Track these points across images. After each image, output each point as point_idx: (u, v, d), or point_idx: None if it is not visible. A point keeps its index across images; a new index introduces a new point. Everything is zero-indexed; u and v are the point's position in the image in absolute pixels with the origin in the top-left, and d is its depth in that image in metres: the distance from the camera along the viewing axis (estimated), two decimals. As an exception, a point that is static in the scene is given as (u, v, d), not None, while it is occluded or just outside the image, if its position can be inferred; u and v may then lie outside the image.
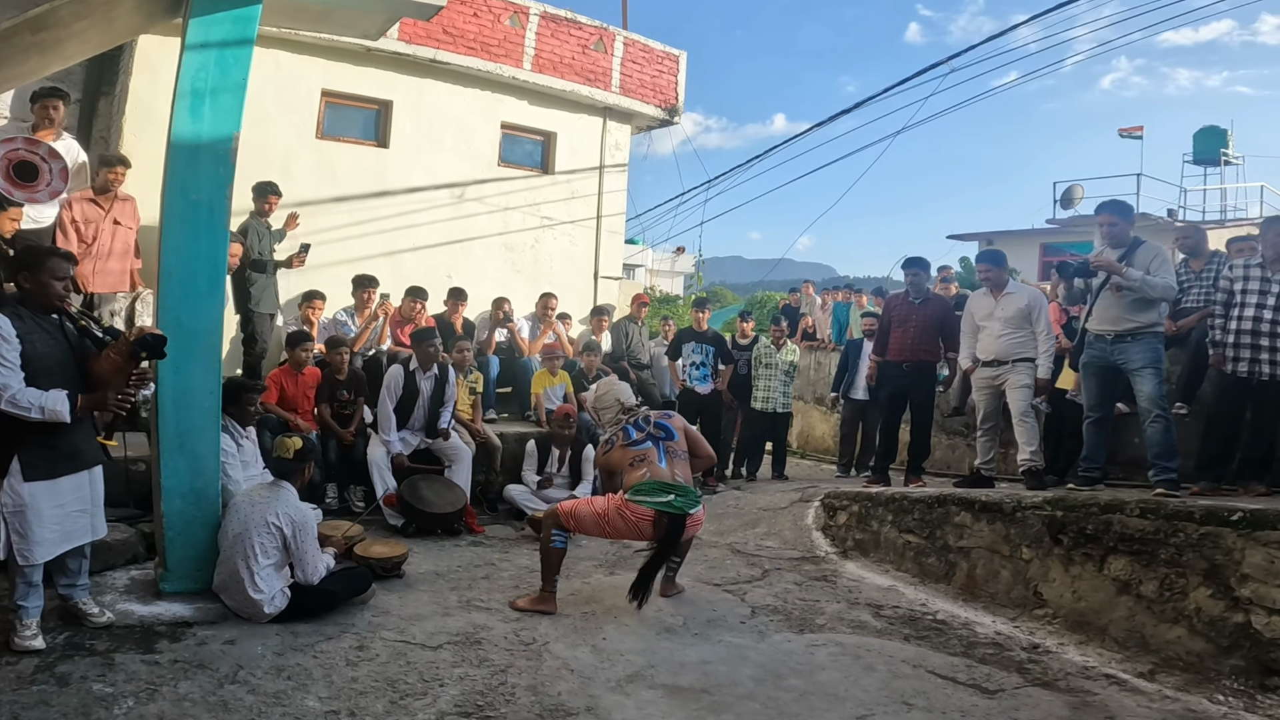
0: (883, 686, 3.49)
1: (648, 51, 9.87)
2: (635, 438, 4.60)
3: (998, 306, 6.17)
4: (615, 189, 9.77)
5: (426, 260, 8.38)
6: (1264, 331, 5.20)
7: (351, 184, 8.06)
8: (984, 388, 6.29)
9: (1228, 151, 20.96)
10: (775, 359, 8.90)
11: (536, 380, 7.59)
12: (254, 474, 4.90)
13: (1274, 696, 3.35)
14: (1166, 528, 4.02)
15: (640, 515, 4.30)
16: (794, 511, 6.92)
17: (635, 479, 4.42)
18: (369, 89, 8.26)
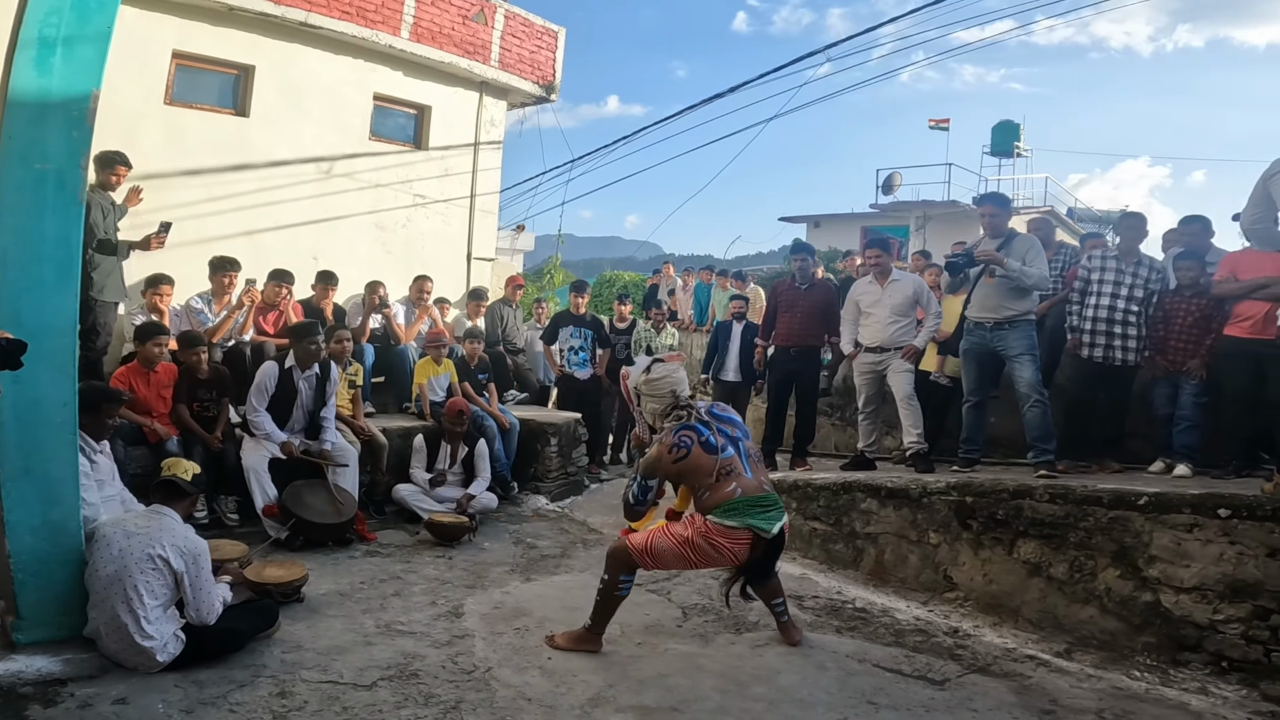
0: (841, 686, 3.50)
1: (528, 26, 9.44)
2: (715, 442, 3.74)
3: (885, 294, 6.29)
4: (490, 166, 9.32)
5: (291, 240, 7.66)
6: (1117, 319, 5.64)
7: (206, 156, 7.23)
8: (866, 373, 6.43)
9: (1020, 144, 23.01)
10: (655, 342, 8.85)
11: (419, 369, 7.12)
12: (111, 494, 4.23)
13: (1186, 671, 3.63)
14: (1076, 512, 4.25)
15: (737, 540, 3.61)
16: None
17: (724, 497, 3.65)
18: (228, 52, 7.42)
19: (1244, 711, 3.32)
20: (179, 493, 3.68)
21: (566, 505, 7.17)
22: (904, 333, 6.22)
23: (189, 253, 6.64)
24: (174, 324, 6.21)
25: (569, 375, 8.46)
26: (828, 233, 23.42)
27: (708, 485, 3.69)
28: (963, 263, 5.78)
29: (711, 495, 3.66)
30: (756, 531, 3.60)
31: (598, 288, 21.13)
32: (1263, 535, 3.49)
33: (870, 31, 9.52)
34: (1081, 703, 3.41)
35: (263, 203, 7.57)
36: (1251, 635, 3.51)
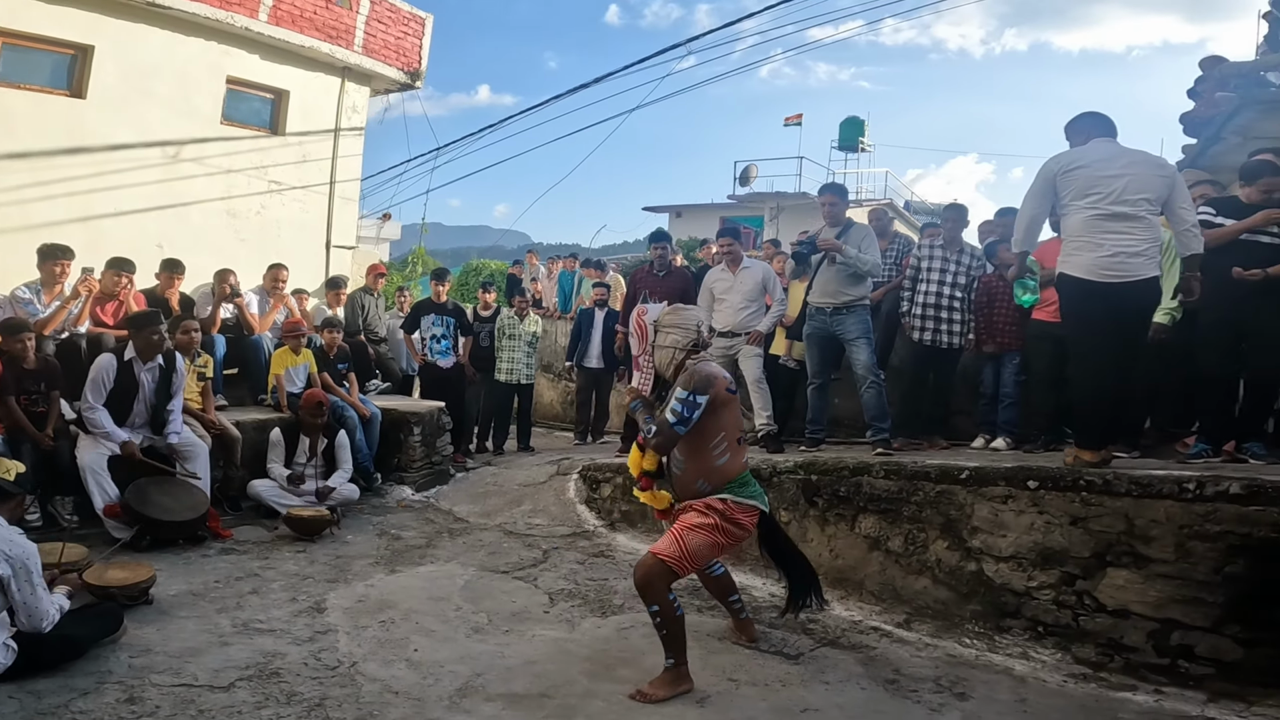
0: (703, 665, 3.66)
1: (395, 12, 9.21)
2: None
3: (736, 281, 6.55)
4: (350, 153, 9.06)
5: (132, 227, 7.21)
6: (943, 305, 6.15)
7: (35, 138, 6.72)
8: (719, 357, 6.64)
9: (864, 140, 24.42)
10: (519, 330, 8.88)
11: (276, 360, 6.87)
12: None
13: (1009, 637, 3.96)
14: (908, 487, 4.55)
15: (752, 516, 3.51)
16: (555, 486, 7.00)
17: (738, 468, 3.50)
18: (63, 30, 6.90)
19: (1059, 674, 3.64)
20: (1, 495, 3.45)
21: (432, 495, 7.12)
22: (754, 318, 6.46)
23: (14, 240, 6.18)
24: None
25: (431, 364, 8.40)
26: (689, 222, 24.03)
27: (732, 446, 3.49)
28: (806, 251, 6.10)
29: (731, 460, 3.49)
30: (761, 508, 3.56)
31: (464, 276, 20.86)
32: (1065, 504, 3.86)
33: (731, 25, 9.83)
34: (921, 671, 3.69)
35: (101, 188, 7.11)
36: (1061, 600, 3.84)
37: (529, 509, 6.58)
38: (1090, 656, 3.71)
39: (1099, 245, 4.19)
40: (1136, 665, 3.58)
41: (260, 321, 7.34)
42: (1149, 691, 3.45)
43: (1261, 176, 4.72)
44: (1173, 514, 3.56)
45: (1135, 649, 3.60)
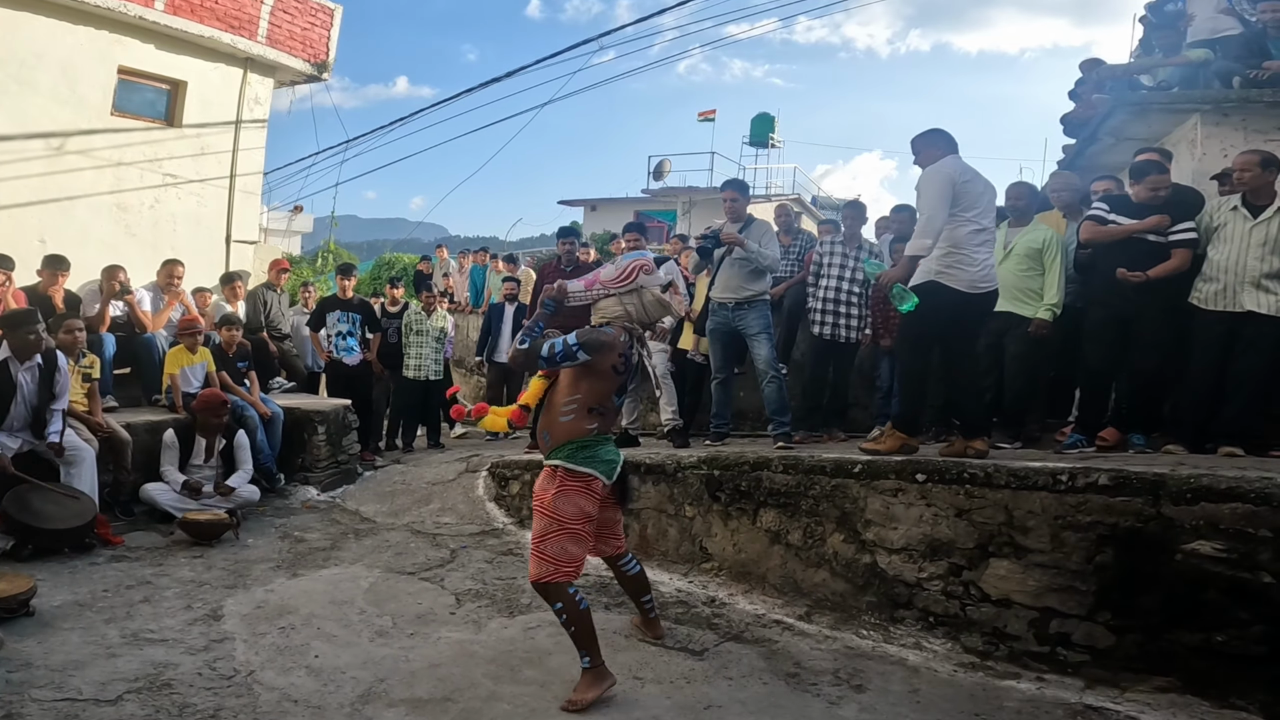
0: (609, 663, 3.67)
1: (301, 2, 8.94)
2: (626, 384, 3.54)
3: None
4: (253, 146, 8.76)
5: (12, 222, 6.85)
6: (843, 299, 6.37)
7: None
8: None
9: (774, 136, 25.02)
10: (426, 325, 8.74)
11: (171, 359, 6.60)
12: None
13: (903, 628, 4.10)
14: (805, 481, 4.66)
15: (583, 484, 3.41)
16: (463, 483, 6.95)
17: (580, 430, 3.41)
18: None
19: (950, 663, 3.79)
20: None
21: (338, 495, 6.98)
22: None
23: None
24: None
25: (337, 361, 8.22)
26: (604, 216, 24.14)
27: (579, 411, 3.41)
28: (710, 245, 6.19)
29: (575, 424, 3.41)
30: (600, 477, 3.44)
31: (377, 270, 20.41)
32: (951, 497, 4.03)
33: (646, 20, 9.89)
34: (820, 664, 3.79)
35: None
36: (949, 591, 4.00)
37: (437, 507, 6.52)
38: (978, 645, 3.85)
39: (975, 261, 4.49)
40: (1019, 653, 3.74)
41: (153, 319, 7.05)
42: (1031, 679, 3.60)
43: (1147, 174, 5.00)
44: (1047, 505, 3.76)
45: (1018, 637, 3.77)
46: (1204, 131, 5.91)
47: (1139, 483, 3.61)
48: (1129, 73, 6.80)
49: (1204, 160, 5.83)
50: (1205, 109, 5.92)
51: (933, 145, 4.69)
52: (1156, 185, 4.97)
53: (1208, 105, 5.92)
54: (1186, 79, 6.31)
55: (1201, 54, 6.30)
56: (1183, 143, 6.11)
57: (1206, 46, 6.37)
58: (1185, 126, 6.11)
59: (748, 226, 6.10)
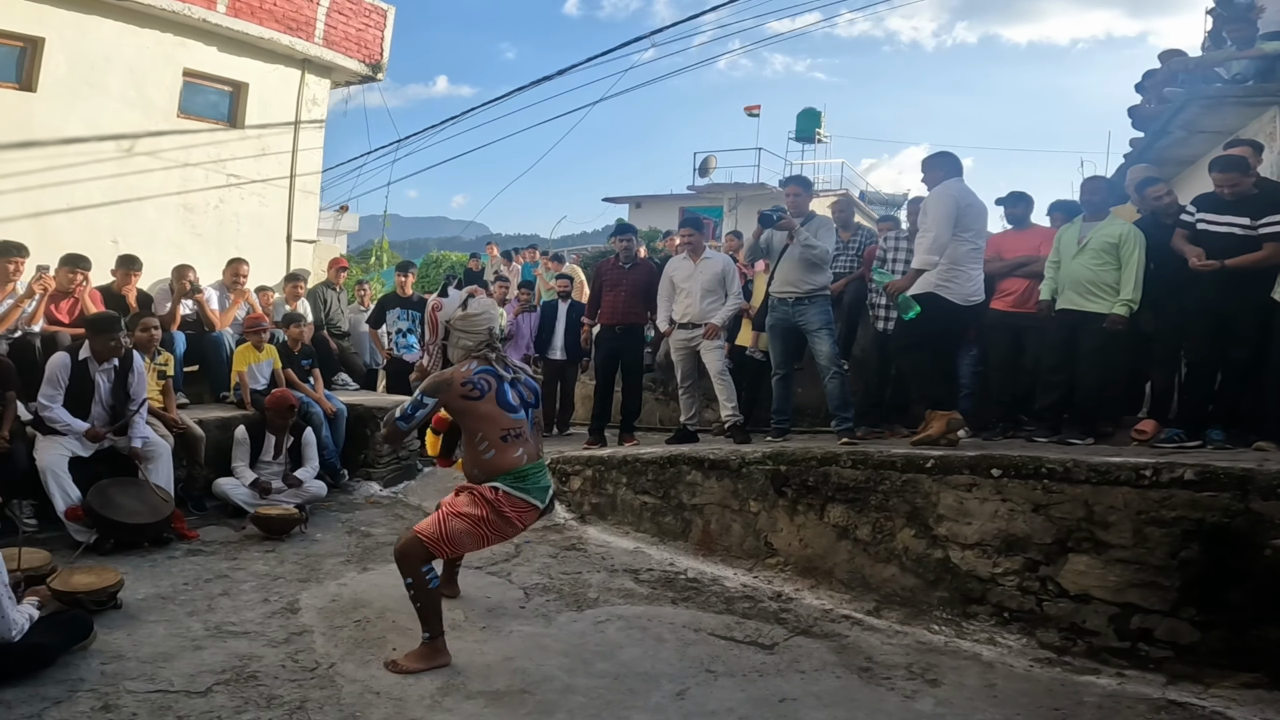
0: (680, 657, 3.72)
1: (356, 3, 9.10)
2: (513, 401, 3.67)
3: (697, 270, 6.60)
4: (311, 146, 8.94)
5: (85, 223, 7.06)
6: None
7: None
8: (681, 349, 6.73)
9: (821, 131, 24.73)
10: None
11: (239, 356, 6.76)
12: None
13: (975, 623, 4.06)
14: (875, 476, 4.63)
15: (524, 510, 3.60)
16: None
17: (511, 462, 3.56)
18: (10, 22, 6.71)
19: (1025, 659, 3.74)
20: None
21: (400, 490, 7.08)
22: (714, 309, 6.51)
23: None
24: (-52, 315, 5.58)
25: (398, 358, 8.33)
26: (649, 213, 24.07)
27: (493, 443, 3.57)
28: (775, 216, 6.06)
29: (499, 456, 3.56)
30: (535, 505, 3.63)
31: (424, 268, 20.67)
32: (1027, 492, 3.97)
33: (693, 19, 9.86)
34: (893, 658, 3.77)
35: (52, 182, 6.95)
36: (1025, 587, 3.95)
37: (498, 503, 6.57)
38: (1054, 641, 3.81)
39: (970, 277, 5.05)
40: (1098, 649, 3.69)
41: (220, 317, 7.22)
42: (1111, 675, 3.55)
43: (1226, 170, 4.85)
44: (1130, 500, 3.69)
45: (1097, 633, 3.72)
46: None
47: (1226, 478, 3.54)
48: (1202, 66, 6.58)
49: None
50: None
51: (939, 167, 5.16)
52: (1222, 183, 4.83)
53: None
54: (1262, 71, 6.09)
55: (1277, 46, 6.07)
56: (1260, 136, 5.91)
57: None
58: (1262, 120, 5.92)
59: (808, 222, 6.04)
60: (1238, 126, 6.13)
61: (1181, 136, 6.45)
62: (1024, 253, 5.79)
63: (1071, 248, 5.35)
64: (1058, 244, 5.49)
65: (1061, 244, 5.46)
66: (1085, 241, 5.29)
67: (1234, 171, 4.80)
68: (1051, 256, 5.50)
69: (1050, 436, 5.25)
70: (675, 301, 6.68)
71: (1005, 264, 5.88)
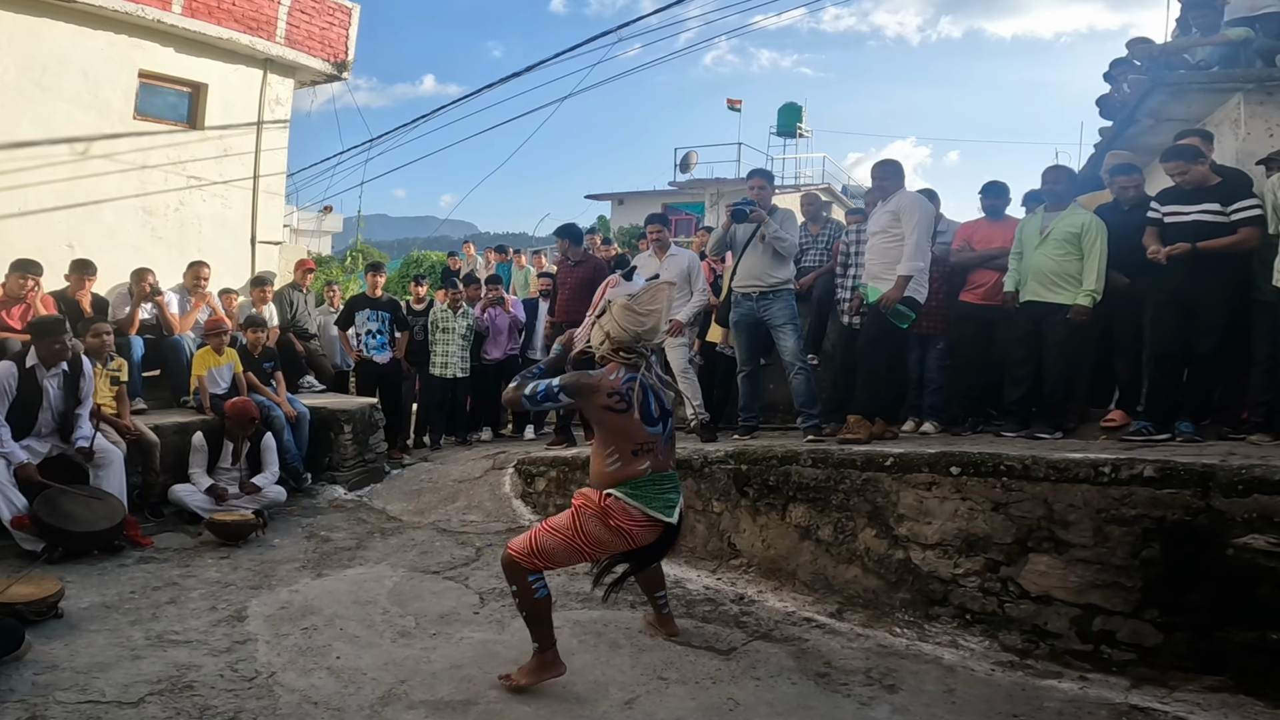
0: (634, 664, 3.63)
1: (319, 2, 8.95)
2: (654, 414, 3.48)
3: (663, 267, 6.49)
4: (275, 146, 8.78)
5: (39, 227, 6.91)
6: None
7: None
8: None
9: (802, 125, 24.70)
10: (452, 323, 8.65)
11: (198, 360, 6.63)
12: None
13: (938, 625, 3.98)
14: (836, 475, 4.55)
15: (637, 522, 3.39)
16: (490, 481, 6.89)
17: (633, 473, 3.39)
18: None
19: (987, 662, 3.66)
20: None
21: (365, 494, 6.96)
22: (681, 305, 6.42)
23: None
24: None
25: (367, 359, 8.20)
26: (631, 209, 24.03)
27: (624, 456, 3.40)
28: (747, 210, 5.98)
29: (624, 468, 3.39)
30: (658, 518, 3.42)
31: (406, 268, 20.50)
32: (987, 490, 3.90)
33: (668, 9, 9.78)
34: (852, 663, 3.68)
35: (3, 186, 6.80)
36: (987, 588, 3.88)
37: (463, 505, 6.48)
38: (1016, 644, 3.73)
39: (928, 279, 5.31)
40: (1061, 652, 3.62)
41: (181, 321, 7.09)
42: (1074, 678, 3.47)
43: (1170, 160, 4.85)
44: (1090, 498, 3.63)
45: (1059, 635, 3.65)
46: (1247, 111, 5.67)
47: (1187, 474, 3.48)
48: (1167, 53, 6.55)
49: (1248, 140, 5.59)
50: (1248, 88, 5.67)
51: (895, 176, 5.49)
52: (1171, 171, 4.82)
53: (1250, 84, 5.67)
54: (1227, 58, 6.05)
55: (1242, 32, 6.04)
56: (1225, 123, 5.88)
57: (1246, 24, 6.10)
58: (1227, 107, 5.88)
59: (771, 215, 5.98)
60: (1204, 114, 6.09)
61: (1148, 125, 6.40)
62: (998, 244, 5.73)
63: (1034, 238, 5.31)
64: (1020, 235, 5.46)
65: (1024, 235, 5.43)
66: (1047, 232, 5.24)
67: (1179, 160, 4.78)
68: (1014, 248, 5.47)
69: (1019, 431, 5.19)
70: None
71: (976, 255, 5.83)
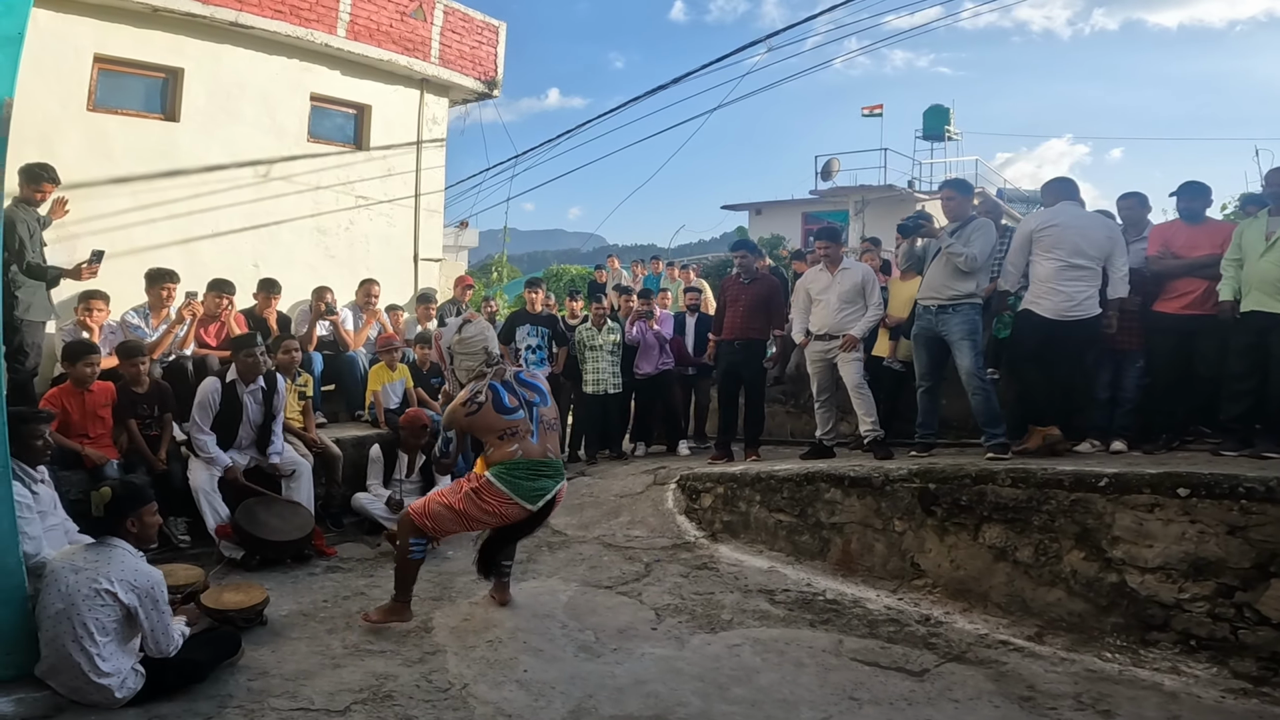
0: (821, 683, 3.50)
1: (468, 21, 9.26)
2: (509, 404, 4.06)
3: (834, 281, 6.31)
4: (433, 165, 9.13)
5: (228, 248, 7.40)
6: None
7: (133, 163, 6.91)
8: (817, 360, 6.43)
9: (950, 128, 23.51)
10: (598, 340, 8.62)
11: (373, 376, 6.94)
12: (54, 524, 4.03)
13: (1155, 651, 3.69)
14: (1038, 495, 4.31)
15: (505, 501, 3.94)
16: (652, 496, 6.84)
17: (504, 455, 3.97)
18: (153, 54, 7.09)
19: (1216, 689, 3.38)
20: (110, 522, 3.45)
21: (528, 507, 7.06)
22: (851, 320, 6.20)
23: (120, 265, 6.34)
24: (109, 341, 5.95)
25: (529, 373, 8.33)
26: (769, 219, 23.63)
27: (493, 443, 4.01)
28: (911, 225, 5.75)
29: (494, 452, 3.99)
30: (522, 504, 3.94)
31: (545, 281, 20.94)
32: (1221, 513, 3.58)
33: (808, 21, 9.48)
34: (1058, 687, 3.45)
35: (197, 209, 7.30)
36: (1217, 613, 3.58)
37: (627, 520, 6.46)
38: (1250, 671, 3.46)
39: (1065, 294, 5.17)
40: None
41: (354, 337, 7.45)
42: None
43: None
44: (1347, 521, 3.23)
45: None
46: None
47: None
48: None
49: None
50: None
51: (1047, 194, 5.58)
52: None
53: None
54: None
55: None
56: None
57: None
58: None
59: (965, 225, 5.62)
60: None
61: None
62: (1204, 250, 5.19)
63: (1258, 244, 4.78)
64: (1239, 240, 4.92)
65: (1244, 240, 4.89)
66: (1275, 238, 4.72)
67: None
68: (1231, 254, 4.93)
69: (1240, 450, 4.68)
70: (812, 313, 6.43)
71: (1182, 263, 5.28)
